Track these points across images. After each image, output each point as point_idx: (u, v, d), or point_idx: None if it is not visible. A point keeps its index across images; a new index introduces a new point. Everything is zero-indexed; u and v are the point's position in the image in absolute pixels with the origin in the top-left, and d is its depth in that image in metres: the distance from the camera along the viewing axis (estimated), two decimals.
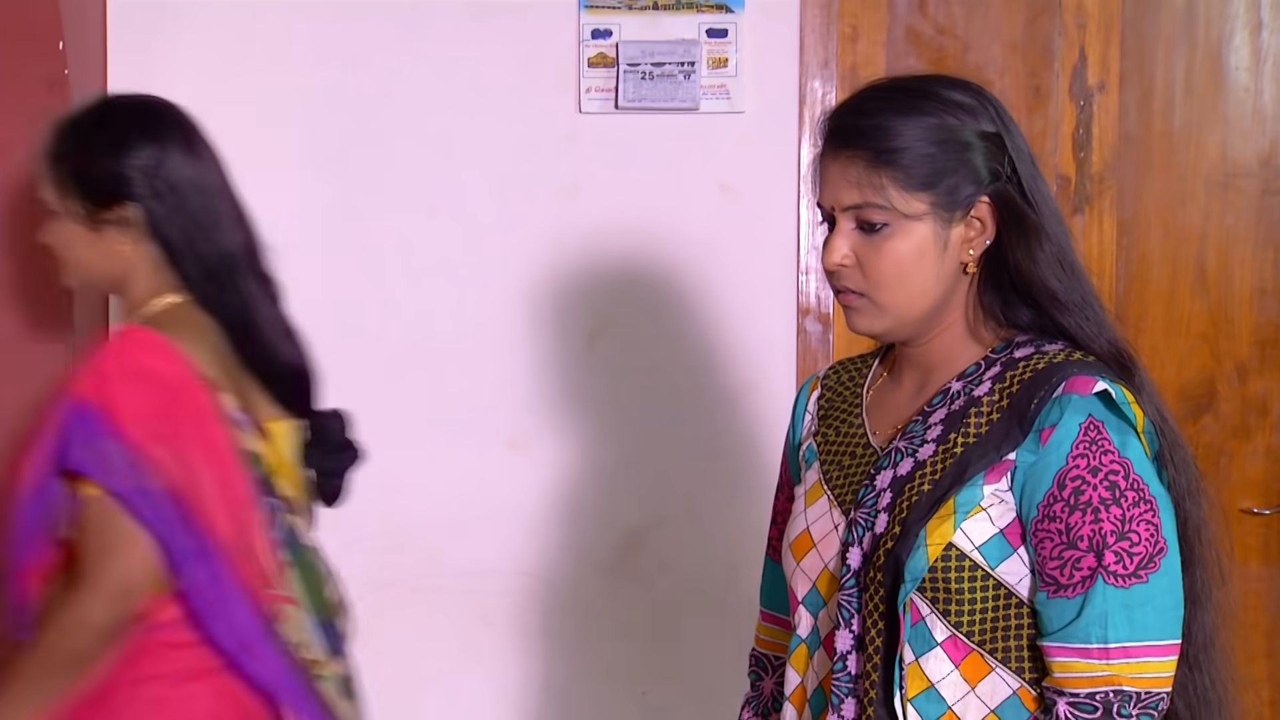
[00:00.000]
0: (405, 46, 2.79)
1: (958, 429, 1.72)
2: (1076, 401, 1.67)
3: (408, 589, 2.81)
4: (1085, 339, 1.74)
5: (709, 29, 2.77)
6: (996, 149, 1.73)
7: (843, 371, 1.92)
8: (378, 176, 2.79)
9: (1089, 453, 1.66)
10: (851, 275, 1.74)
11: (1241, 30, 2.87)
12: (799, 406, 1.94)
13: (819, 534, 1.79)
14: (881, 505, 1.73)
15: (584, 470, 2.83)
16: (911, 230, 1.72)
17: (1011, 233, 1.73)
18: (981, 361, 1.76)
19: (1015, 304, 1.77)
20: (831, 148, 1.74)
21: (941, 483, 1.69)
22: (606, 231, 2.80)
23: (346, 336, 2.76)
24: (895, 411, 1.81)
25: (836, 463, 1.82)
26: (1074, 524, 1.66)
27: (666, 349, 2.82)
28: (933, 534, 1.68)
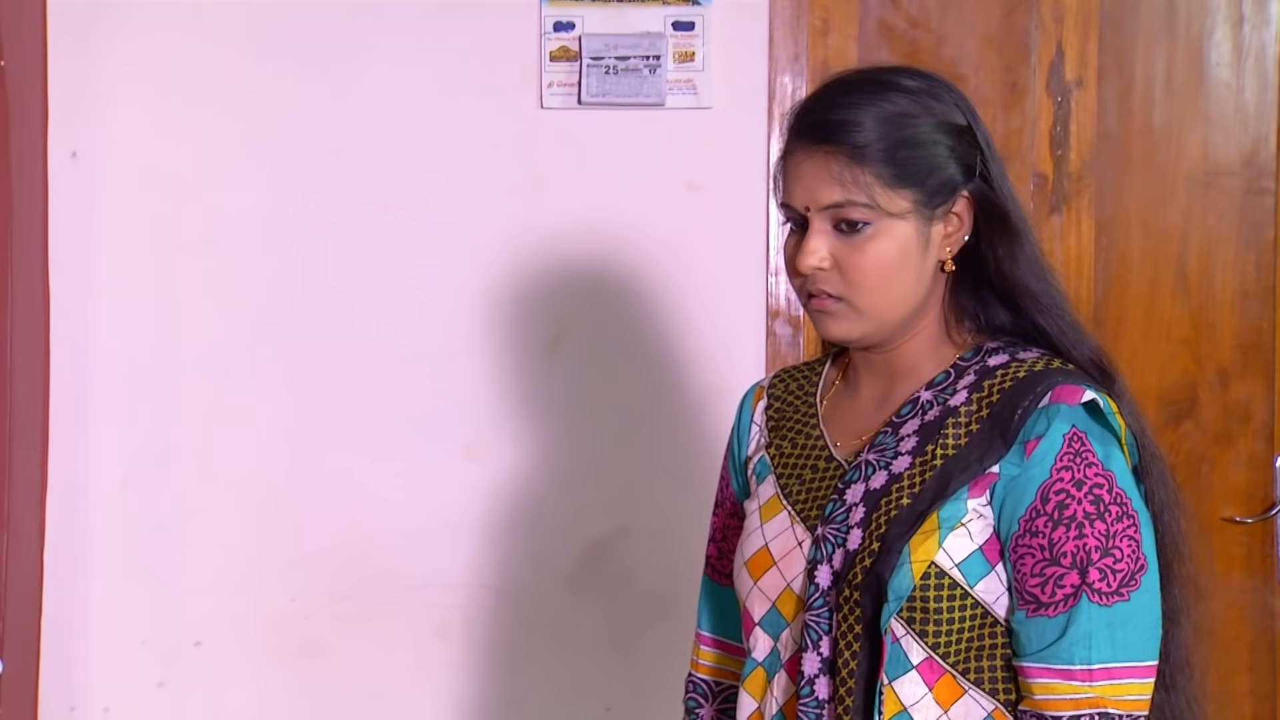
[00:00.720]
0: (361, 40, 2.74)
1: (934, 440, 1.67)
2: (1065, 412, 1.63)
3: (365, 601, 2.77)
4: (1066, 344, 1.70)
5: (675, 22, 2.73)
6: (970, 143, 1.69)
7: (790, 380, 1.86)
8: (332, 174, 2.74)
9: (1073, 465, 1.62)
10: (829, 278, 1.68)
11: (1223, 25, 2.83)
12: (743, 418, 1.87)
13: (779, 551, 1.73)
14: (854, 520, 1.67)
15: (546, 479, 2.79)
16: (894, 229, 1.67)
17: (992, 231, 1.69)
18: (951, 370, 1.71)
19: (993, 305, 1.72)
20: (806, 144, 1.68)
21: (922, 497, 1.64)
22: (569, 232, 2.76)
23: (300, 339, 2.75)
24: (857, 421, 1.76)
25: (796, 476, 1.76)
26: (1057, 539, 1.61)
27: (631, 353, 2.79)
28: (916, 550, 1.63)
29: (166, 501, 2.74)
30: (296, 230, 2.75)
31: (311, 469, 2.74)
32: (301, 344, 2.75)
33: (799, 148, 1.69)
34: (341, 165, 2.74)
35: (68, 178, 2.68)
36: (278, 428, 2.75)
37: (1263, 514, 2.87)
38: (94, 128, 2.69)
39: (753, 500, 1.80)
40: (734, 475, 1.89)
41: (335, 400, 2.75)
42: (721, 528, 1.91)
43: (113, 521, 2.73)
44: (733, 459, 1.90)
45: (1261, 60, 2.84)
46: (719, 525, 1.92)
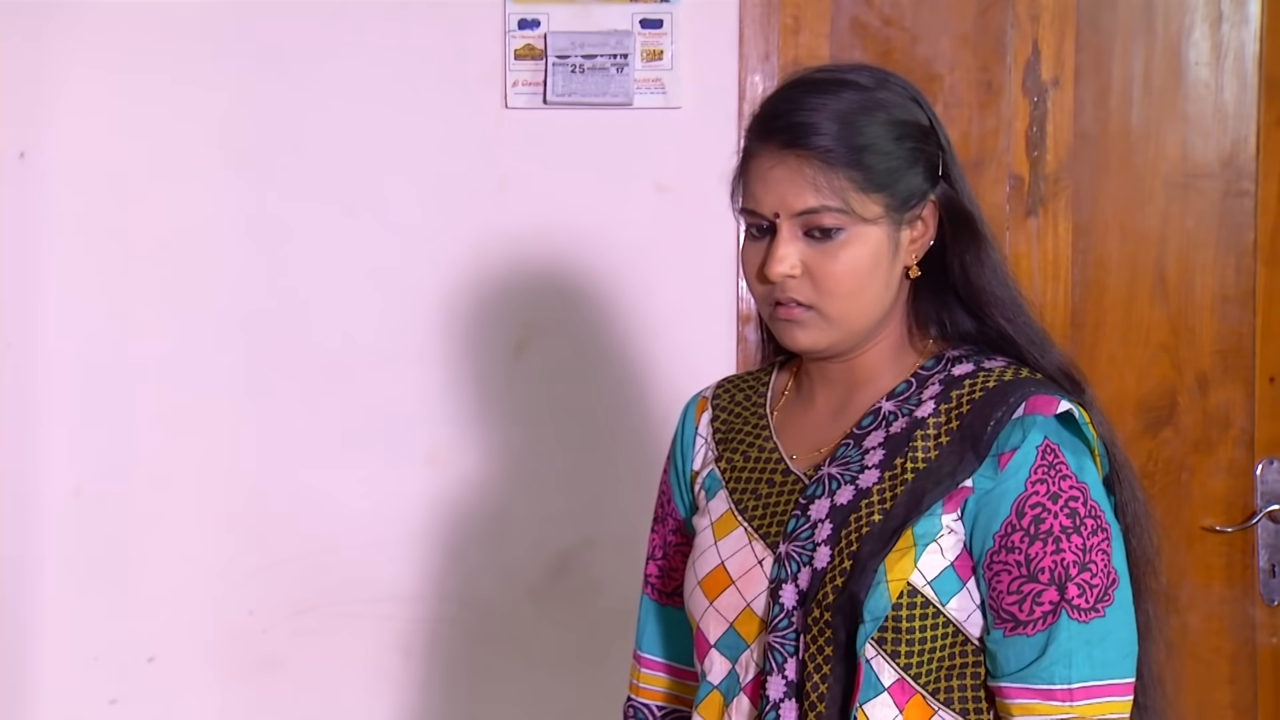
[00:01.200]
0: (321, 38, 2.71)
1: (903, 453, 1.63)
2: (1041, 423, 1.59)
3: (325, 614, 2.74)
4: (1034, 352, 1.67)
5: (643, 19, 2.70)
6: (934, 145, 1.66)
7: (734, 390, 1.82)
8: (292, 175, 2.71)
9: (1048, 478, 1.59)
10: (799, 286, 1.64)
11: (1201, 23, 2.81)
12: (686, 431, 1.83)
13: (737, 570, 1.68)
14: (820, 537, 1.63)
15: (510, 488, 2.76)
16: (867, 235, 1.63)
17: (959, 236, 1.67)
18: (912, 379, 1.68)
19: (957, 313, 1.69)
20: (775, 148, 1.64)
21: (894, 513, 1.60)
22: (534, 234, 2.73)
23: (258, 344, 2.72)
24: (813, 433, 1.72)
25: (751, 491, 1.71)
26: (1034, 555, 1.58)
27: (598, 359, 2.76)
28: (892, 569, 1.58)
29: (120, 511, 2.71)
30: (255, 232, 2.72)
31: (269, 478, 2.72)
32: (260, 349, 2.72)
33: (766, 152, 1.65)
34: (301, 166, 2.71)
35: (15, 178, 2.64)
36: (235, 435, 2.72)
37: (1243, 523, 2.84)
38: (44, 128, 2.66)
39: (703, 516, 1.75)
40: (677, 490, 1.85)
41: (294, 407, 2.72)
42: (662, 545, 1.87)
43: (65, 532, 2.70)
44: (675, 473, 1.85)
45: (1240, 59, 2.81)
46: (659, 542, 1.87)
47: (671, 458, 1.86)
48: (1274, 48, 2.79)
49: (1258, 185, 2.81)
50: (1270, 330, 2.83)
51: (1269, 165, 2.81)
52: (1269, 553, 2.83)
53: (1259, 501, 2.83)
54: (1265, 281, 2.82)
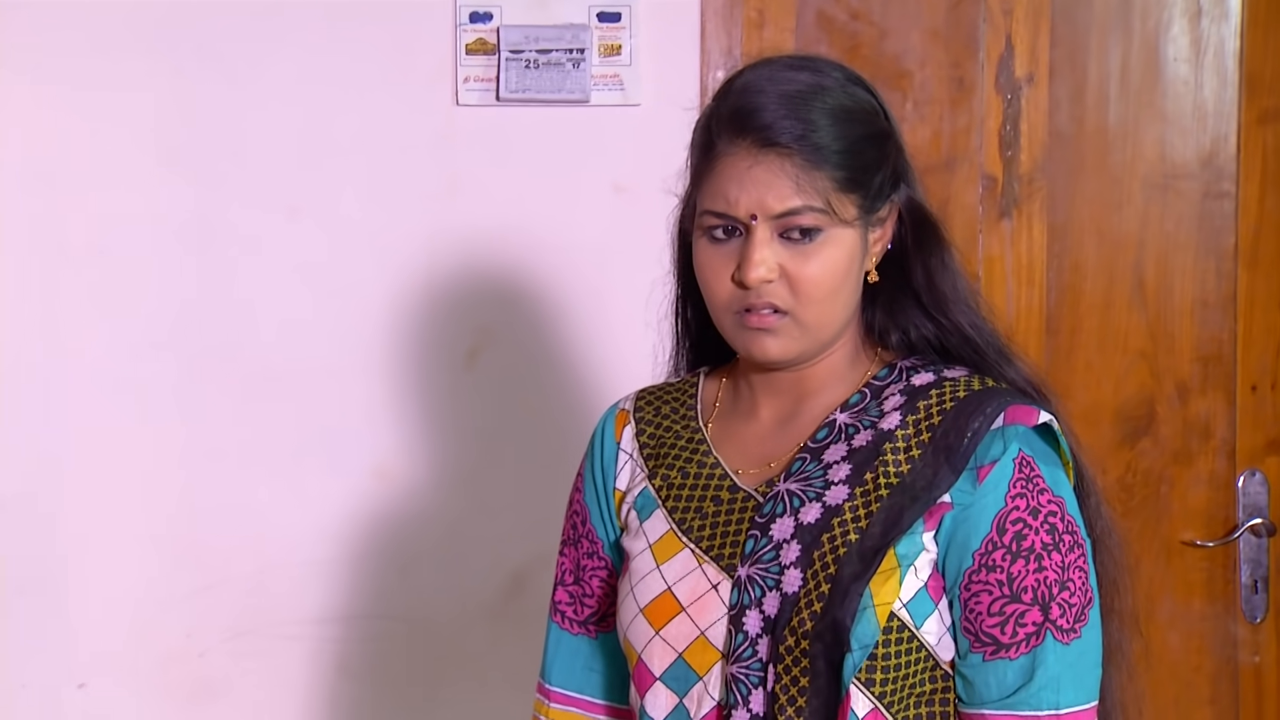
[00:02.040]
0: (260, 33, 2.67)
1: (873, 468, 1.56)
2: (1024, 434, 1.54)
3: (266, 637, 2.69)
4: (998, 361, 1.63)
5: (600, 13, 2.66)
6: (896, 145, 1.63)
7: (657, 402, 1.75)
8: (231, 177, 2.67)
9: (1026, 492, 1.54)
10: (775, 291, 1.58)
11: (1180, 18, 2.77)
12: (605, 446, 1.76)
13: (688, 595, 1.59)
14: (788, 559, 1.55)
15: (462, 503, 2.71)
16: (844, 237, 1.59)
17: (923, 239, 1.63)
18: (865, 390, 1.63)
19: (918, 319, 1.65)
20: (751, 145, 1.57)
21: (872, 531, 1.53)
22: (487, 237, 2.69)
23: (195, 353, 2.68)
24: (757, 447, 1.65)
25: (695, 510, 1.63)
26: (1016, 574, 1.52)
27: (554, 367, 2.72)
28: (879, 592, 1.52)
29: (48, 529, 2.66)
30: (192, 237, 2.68)
31: (207, 493, 2.66)
32: (197, 358, 2.67)
33: (740, 149, 1.58)
34: (240, 168, 2.67)
35: None
36: (170, 448, 2.67)
37: (1224, 537, 2.80)
38: None
39: (637, 539, 1.67)
40: (597, 511, 1.76)
41: (233, 418, 2.68)
42: (574, 569, 1.78)
43: None
44: (594, 492, 1.77)
45: (1220, 56, 2.78)
46: (570, 566, 1.79)
47: (587, 475, 1.79)
48: (1255, 43, 2.77)
49: (1239, 186, 2.78)
50: (1252, 337, 2.80)
51: (1250, 165, 2.78)
52: (1251, 568, 2.80)
53: (1241, 515, 2.80)
54: (1247, 286, 2.79)
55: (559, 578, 1.80)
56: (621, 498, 1.73)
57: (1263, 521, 2.78)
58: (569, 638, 1.78)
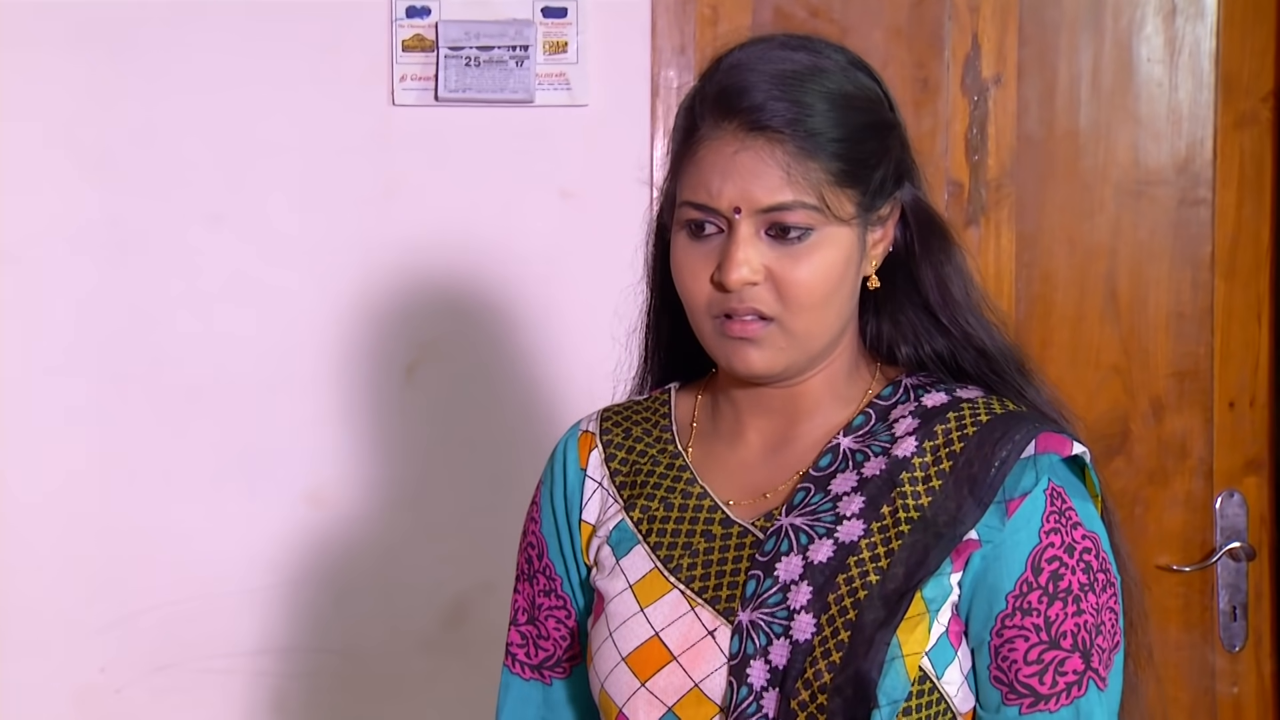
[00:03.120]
0: (181, 25, 2.63)
1: (889, 500, 1.45)
2: (1055, 465, 1.44)
3: (190, 671, 2.65)
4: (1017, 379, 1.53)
5: (545, 8, 2.63)
6: (899, 139, 1.52)
7: (627, 423, 1.64)
8: (151, 180, 2.63)
9: (1060, 527, 1.44)
10: (760, 295, 1.46)
11: (1153, 16, 2.75)
12: (568, 473, 1.64)
13: (680, 642, 1.47)
14: (797, 603, 1.43)
15: (401, 527, 2.68)
16: (839, 237, 1.47)
17: (930, 241, 1.52)
18: (869, 411, 1.52)
19: (928, 331, 1.54)
20: (738, 129, 1.45)
21: (894, 572, 1.42)
22: (426, 245, 2.65)
23: (112, 368, 2.63)
24: (747, 475, 1.54)
25: (682, 546, 1.52)
26: (1054, 617, 1.42)
27: (498, 383, 2.68)
28: (907, 641, 1.41)
29: None
30: (107, 243, 2.63)
31: (125, 517, 2.62)
32: (114, 373, 2.63)
33: (725, 133, 1.46)
34: (160, 169, 2.63)
35: None
36: (85, 471, 2.63)
37: (1201, 561, 2.76)
38: None
39: (614, 578, 1.54)
40: (556, 544, 1.64)
41: (153, 438, 2.63)
42: (529, 608, 1.67)
43: None
44: (554, 524, 1.65)
45: (1196, 56, 2.75)
46: (524, 605, 1.67)
47: (545, 505, 1.66)
48: (1231, 42, 2.74)
49: (1215, 193, 2.76)
50: (1229, 351, 2.77)
51: (1227, 170, 2.75)
52: (1230, 594, 2.76)
53: (1219, 538, 2.76)
54: (1224, 297, 2.76)
55: (512, 616, 1.69)
56: (591, 532, 1.61)
57: (1241, 545, 2.74)
58: (519, 683, 1.67)
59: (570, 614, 1.62)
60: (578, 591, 1.61)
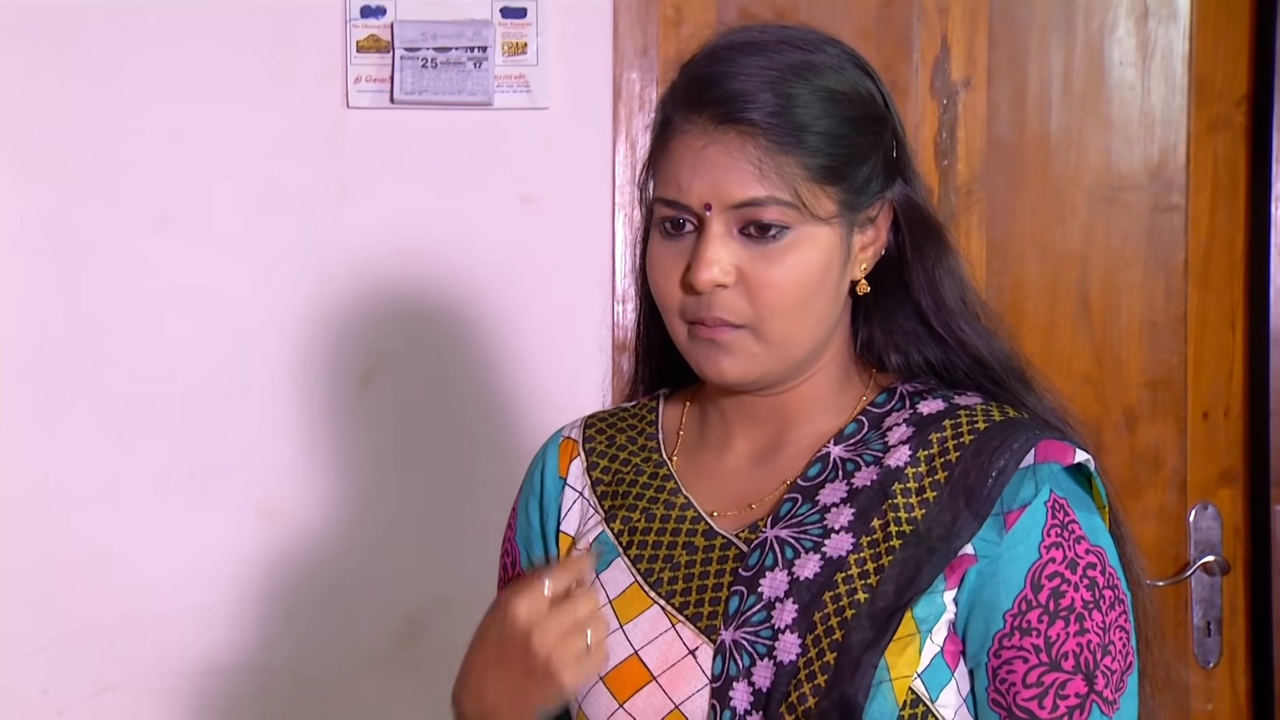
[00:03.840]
0: (128, 22, 2.61)
1: (880, 513, 1.40)
2: (1056, 474, 1.39)
3: (134, 691, 2.62)
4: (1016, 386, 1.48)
5: (504, 8, 2.61)
6: (892, 135, 1.47)
7: (610, 430, 1.60)
8: (95, 183, 2.61)
9: (1062, 541, 1.38)
10: (731, 299, 1.41)
11: (1125, 19, 2.74)
12: (547, 482, 1.61)
13: (660, 662, 1.43)
14: (782, 622, 1.39)
15: (354, 542, 2.66)
16: (817, 237, 1.41)
17: (924, 243, 1.47)
18: (862, 419, 1.47)
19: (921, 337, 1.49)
20: (709, 121, 1.40)
21: (883, 589, 1.38)
22: (381, 251, 2.63)
23: (53, 376, 2.61)
24: (733, 485, 1.50)
25: (664, 559, 1.48)
26: (1055, 637, 1.37)
27: (455, 393, 2.66)
28: (896, 664, 1.36)
29: None
30: (49, 247, 2.61)
31: (66, 532, 2.60)
32: (54, 382, 2.61)
33: (695, 126, 1.41)
34: (105, 170, 2.61)
35: None
36: (24, 483, 2.60)
37: (1175, 576, 2.75)
38: None
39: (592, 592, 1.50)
40: (534, 555, 1.60)
41: (96, 449, 2.61)
42: None
43: None
44: (530, 534, 1.61)
45: (1169, 59, 2.75)
46: None
47: (521, 514, 1.63)
48: (1204, 46, 2.74)
49: (1188, 199, 2.76)
50: (1203, 360, 2.77)
51: (1201, 176, 2.75)
52: (1204, 609, 2.75)
53: (1192, 551, 2.75)
54: (1197, 305, 2.77)
55: None
56: (570, 544, 1.57)
57: (1215, 559, 2.73)
58: None
59: None
60: None
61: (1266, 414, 2.71)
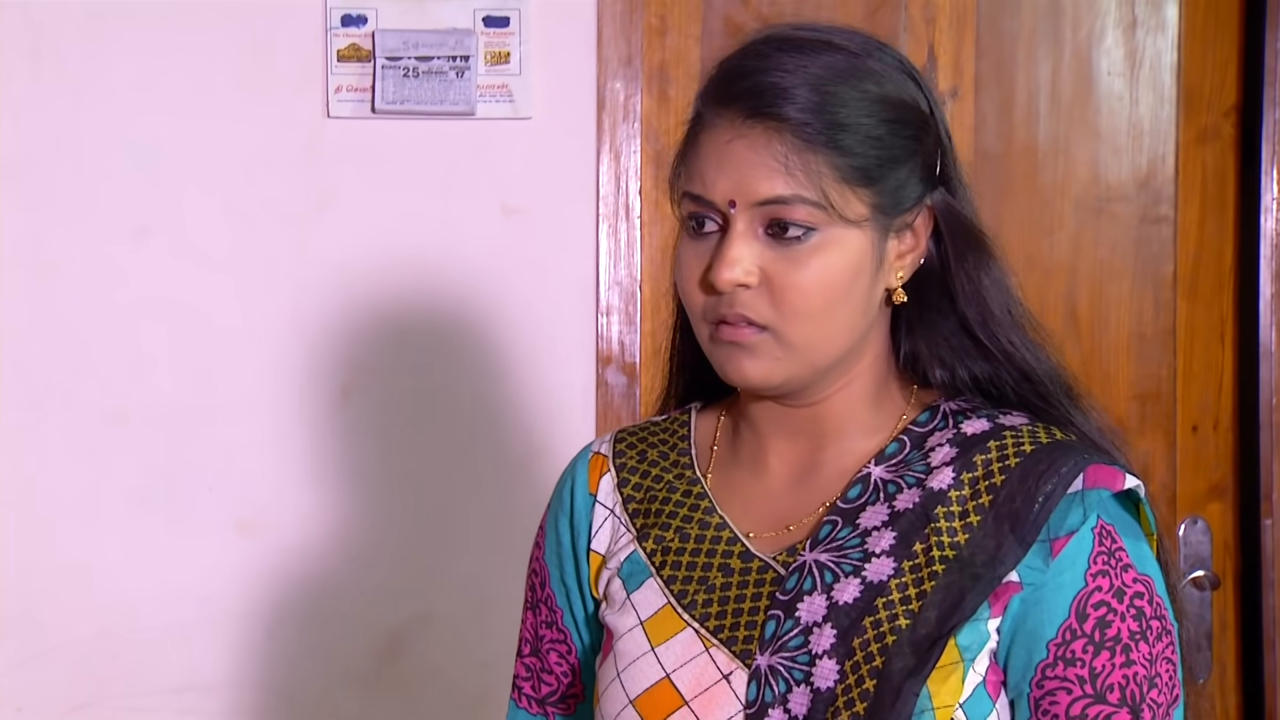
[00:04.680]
0: (105, 30, 2.60)
1: (923, 537, 1.37)
2: (1105, 501, 1.35)
3: (110, 710, 2.61)
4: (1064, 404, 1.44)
5: (487, 17, 2.61)
6: (933, 138, 1.43)
7: (643, 445, 1.56)
8: (71, 193, 2.60)
9: (1109, 570, 1.35)
10: (754, 300, 1.37)
11: (1114, 29, 2.74)
12: (577, 497, 1.56)
13: (692, 686, 1.40)
14: (820, 647, 1.36)
15: (333, 558, 2.64)
16: (846, 240, 1.37)
17: (966, 252, 1.43)
18: (904, 438, 1.44)
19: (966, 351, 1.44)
20: (736, 116, 1.37)
21: (926, 616, 1.34)
22: (361, 263, 2.63)
23: (27, 389, 2.61)
24: (769, 504, 1.47)
25: (698, 580, 1.44)
26: (1100, 669, 1.33)
27: (436, 408, 2.65)
28: (939, 693, 1.33)
29: None
30: (24, 258, 2.61)
31: (41, 548, 2.59)
32: (28, 395, 2.60)
33: (724, 120, 1.38)
34: (81, 181, 2.60)
35: None
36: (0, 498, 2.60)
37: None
38: None
39: (624, 613, 1.47)
40: (559, 575, 1.57)
41: (71, 464, 2.60)
42: (533, 639, 1.60)
43: None
44: (559, 554, 1.57)
45: (1157, 69, 2.75)
46: (529, 635, 1.60)
47: (550, 531, 1.58)
48: (1193, 56, 2.75)
49: (1177, 210, 2.76)
50: (1193, 373, 2.77)
51: (1189, 187, 2.75)
52: (1194, 624, 2.74)
53: (1182, 566, 2.74)
54: (1186, 317, 2.77)
55: (518, 647, 1.62)
56: (601, 563, 1.53)
57: (1205, 574, 2.71)
58: (526, 717, 1.60)
59: (571, 649, 1.56)
60: (581, 626, 1.55)
61: (1256, 427, 2.71)
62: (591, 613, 1.53)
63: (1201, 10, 2.72)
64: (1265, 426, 2.71)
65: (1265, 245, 2.69)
